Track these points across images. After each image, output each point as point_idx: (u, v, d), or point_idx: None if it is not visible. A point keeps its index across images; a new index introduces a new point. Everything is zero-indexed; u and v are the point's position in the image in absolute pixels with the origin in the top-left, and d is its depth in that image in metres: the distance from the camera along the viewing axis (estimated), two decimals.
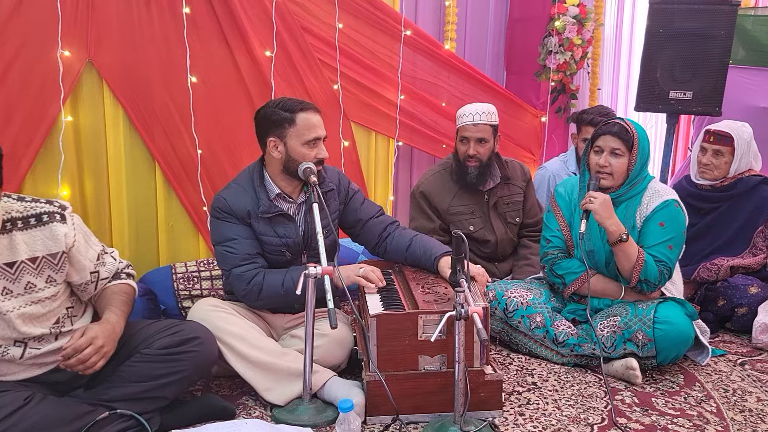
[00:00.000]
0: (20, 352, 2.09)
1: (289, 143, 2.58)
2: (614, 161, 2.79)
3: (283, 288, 2.55)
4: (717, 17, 3.71)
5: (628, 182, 2.82)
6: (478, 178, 3.37)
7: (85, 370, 2.03)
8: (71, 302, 2.24)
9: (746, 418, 2.43)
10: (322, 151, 2.61)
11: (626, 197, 2.83)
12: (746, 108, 4.39)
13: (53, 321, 2.15)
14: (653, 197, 2.82)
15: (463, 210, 3.45)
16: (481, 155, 3.34)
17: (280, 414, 2.37)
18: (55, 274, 2.12)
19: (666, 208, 2.79)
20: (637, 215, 2.82)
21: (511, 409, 2.47)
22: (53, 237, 2.09)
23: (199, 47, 3.38)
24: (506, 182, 3.49)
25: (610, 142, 2.78)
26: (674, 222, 2.79)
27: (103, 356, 2.05)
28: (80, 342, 2.01)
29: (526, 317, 2.91)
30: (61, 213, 2.12)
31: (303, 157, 2.56)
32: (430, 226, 3.40)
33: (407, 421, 2.36)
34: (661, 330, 2.65)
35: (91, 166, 3.24)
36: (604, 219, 2.71)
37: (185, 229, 3.54)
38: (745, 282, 3.21)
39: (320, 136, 2.60)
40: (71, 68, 3.06)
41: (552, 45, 4.58)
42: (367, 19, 3.88)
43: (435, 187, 3.46)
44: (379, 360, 2.35)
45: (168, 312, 3.16)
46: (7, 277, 2.02)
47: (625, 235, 2.70)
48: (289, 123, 2.56)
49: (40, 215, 2.08)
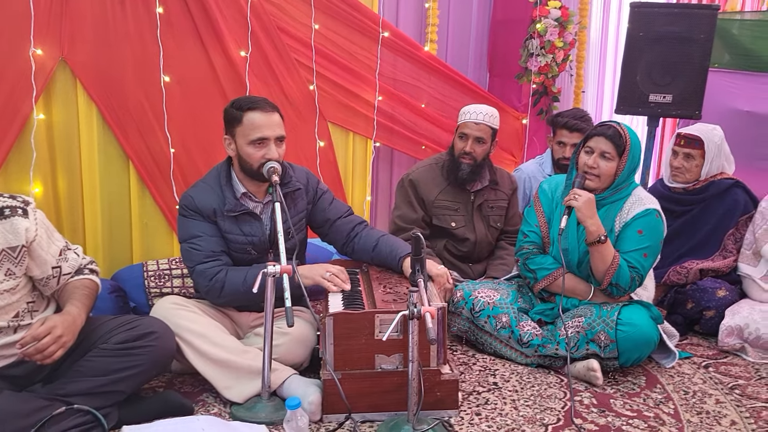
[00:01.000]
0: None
1: (238, 142, 2.59)
2: (603, 164, 2.79)
3: (244, 285, 2.55)
4: (697, 21, 3.72)
5: (614, 187, 2.83)
6: (469, 175, 3.41)
7: (43, 360, 2.03)
8: (33, 297, 2.25)
9: (702, 420, 2.44)
10: (270, 152, 2.56)
11: (609, 201, 2.84)
12: (729, 111, 4.40)
13: (12, 314, 2.17)
14: (635, 204, 2.82)
15: (448, 205, 3.48)
16: (477, 154, 3.38)
17: (238, 411, 2.39)
18: (15, 267, 2.14)
19: (646, 217, 2.79)
20: (617, 220, 2.83)
21: (469, 408, 2.48)
22: (14, 231, 2.11)
23: (174, 46, 3.40)
24: (494, 187, 3.54)
25: (601, 145, 2.78)
26: (653, 231, 2.79)
27: (61, 346, 2.06)
28: (39, 330, 2.03)
29: (492, 317, 2.92)
30: (23, 208, 2.15)
31: (249, 156, 2.56)
32: (413, 216, 3.43)
33: (363, 419, 2.37)
34: (623, 332, 2.66)
35: (64, 163, 3.26)
36: (586, 218, 2.71)
37: (159, 227, 3.55)
38: (713, 285, 3.21)
39: (266, 137, 2.55)
40: (44, 66, 3.08)
41: (533, 47, 4.59)
42: (344, 20, 3.89)
43: (425, 177, 3.50)
44: (336, 359, 2.36)
45: (138, 309, 3.17)
46: None
47: (603, 237, 2.71)
48: (237, 122, 2.57)
49: (2, 209, 2.11)
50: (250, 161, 2.57)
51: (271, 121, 2.58)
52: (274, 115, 2.61)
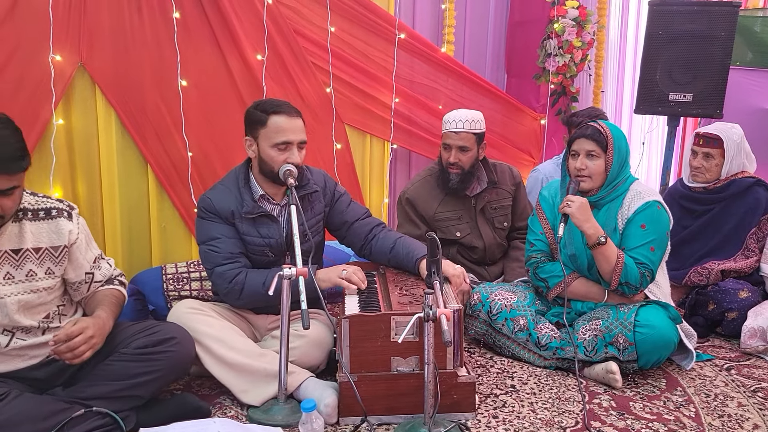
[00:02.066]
0: (6, 340, 2.15)
1: (260, 144, 2.60)
2: (590, 163, 2.79)
3: (264, 288, 2.56)
4: (717, 18, 3.68)
5: (608, 184, 2.81)
6: (459, 184, 3.36)
7: (73, 359, 2.08)
8: (63, 300, 2.31)
9: (724, 423, 2.40)
10: (293, 156, 2.59)
11: (607, 200, 2.82)
12: (752, 110, 4.35)
13: (44, 315, 2.22)
14: (634, 199, 2.80)
15: (449, 216, 3.44)
16: (463, 163, 3.33)
17: (254, 413, 2.39)
18: (55, 267, 2.21)
19: (647, 210, 2.76)
20: (619, 217, 2.81)
21: (486, 411, 2.46)
22: (58, 231, 2.21)
23: (191, 51, 3.43)
24: (494, 187, 3.48)
25: (584, 145, 2.79)
26: (656, 223, 2.76)
27: (91, 347, 2.11)
28: (73, 329, 2.08)
29: (509, 320, 2.90)
30: (68, 211, 2.26)
31: (271, 159, 2.58)
32: (416, 233, 3.38)
33: (380, 422, 2.36)
34: (641, 334, 2.63)
35: (84, 168, 3.30)
36: (582, 222, 2.70)
37: (177, 230, 3.59)
38: (735, 286, 3.16)
39: (290, 141, 2.58)
40: (63, 72, 3.13)
41: (551, 47, 4.56)
42: (359, 23, 3.90)
43: (421, 193, 3.45)
44: (352, 361, 2.36)
45: (157, 312, 3.20)
46: (11, 263, 2.12)
47: (603, 238, 2.69)
48: (261, 124, 2.59)
49: (50, 209, 2.21)
50: (271, 164, 2.58)
51: (295, 125, 2.61)
52: (298, 120, 2.63)
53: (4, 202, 2.00)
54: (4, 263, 2.11)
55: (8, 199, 2.01)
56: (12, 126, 2.01)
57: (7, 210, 2.03)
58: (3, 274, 2.11)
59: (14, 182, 1.99)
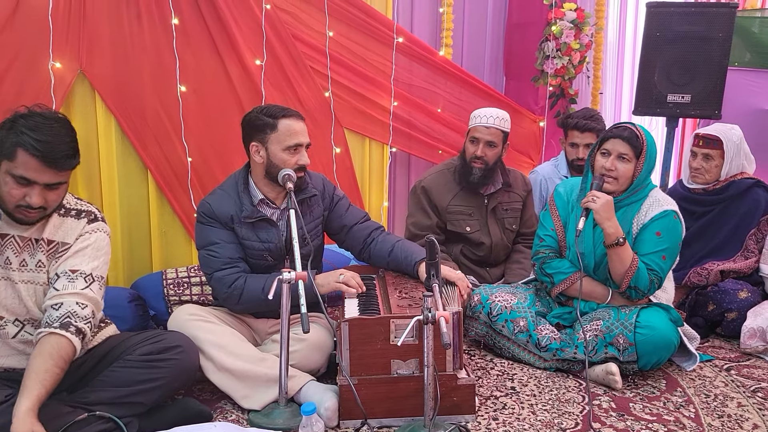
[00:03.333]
0: (15, 331, 2.17)
1: (270, 148, 2.62)
2: (621, 166, 2.76)
3: (263, 292, 2.57)
4: (715, 19, 3.68)
5: (631, 189, 2.80)
6: (481, 179, 3.40)
7: None
8: None
9: (724, 423, 2.41)
10: (303, 158, 2.65)
11: (626, 203, 2.81)
12: (751, 110, 4.34)
13: None
14: (653, 206, 2.79)
15: (461, 210, 3.47)
16: (488, 158, 3.37)
17: (255, 417, 2.40)
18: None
19: (664, 218, 2.76)
20: (634, 222, 2.81)
21: (486, 413, 2.47)
22: (74, 230, 2.23)
23: (190, 57, 3.44)
24: (507, 189, 3.52)
25: (618, 147, 2.76)
26: (671, 233, 2.76)
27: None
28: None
29: (509, 321, 2.91)
30: (93, 218, 2.29)
31: (283, 162, 2.60)
32: (427, 223, 3.43)
33: (380, 425, 2.37)
34: (642, 335, 2.64)
35: (84, 174, 3.30)
36: (604, 220, 2.70)
37: (178, 235, 3.59)
38: (734, 287, 3.17)
39: (301, 143, 2.64)
40: (63, 79, 3.13)
41: (549, 50, 4.57)
42: (358, 27, 3.91)
43: (437, 183, 3.49)
44: (352, 364, 2.37)
45: (158, 317, 3.20)
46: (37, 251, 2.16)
47: (622, 239, 2.69)
48: (271, 128, 2.61)
49: (80, 211, 2.27)
50: (283, 167, 2.61)
51: (303, 128, 2.68)
52: (303, 124, 2.69)
53: (49, 195, 2.08)
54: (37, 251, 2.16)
55: (53, 193, 2.09)
56: (68, 126, 2.13)
57: (51, 203, 2.10)
58: (36, 261, 2.16)
59: (61, 178, 2.08)
